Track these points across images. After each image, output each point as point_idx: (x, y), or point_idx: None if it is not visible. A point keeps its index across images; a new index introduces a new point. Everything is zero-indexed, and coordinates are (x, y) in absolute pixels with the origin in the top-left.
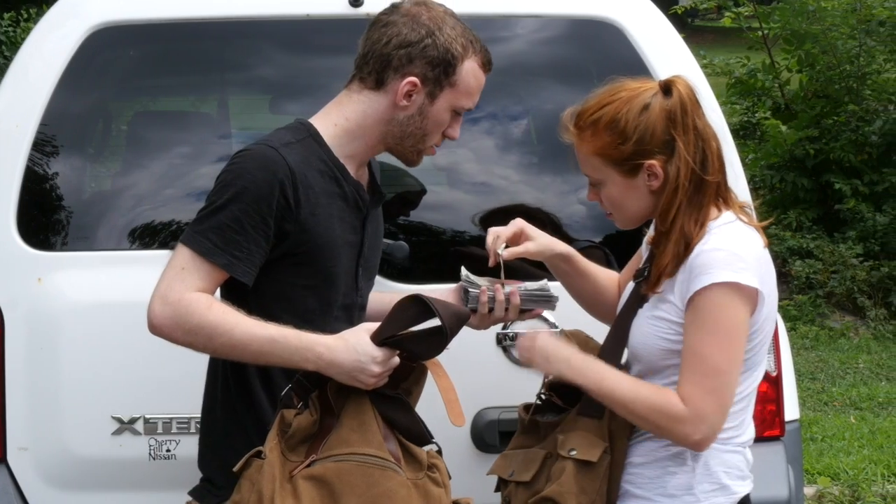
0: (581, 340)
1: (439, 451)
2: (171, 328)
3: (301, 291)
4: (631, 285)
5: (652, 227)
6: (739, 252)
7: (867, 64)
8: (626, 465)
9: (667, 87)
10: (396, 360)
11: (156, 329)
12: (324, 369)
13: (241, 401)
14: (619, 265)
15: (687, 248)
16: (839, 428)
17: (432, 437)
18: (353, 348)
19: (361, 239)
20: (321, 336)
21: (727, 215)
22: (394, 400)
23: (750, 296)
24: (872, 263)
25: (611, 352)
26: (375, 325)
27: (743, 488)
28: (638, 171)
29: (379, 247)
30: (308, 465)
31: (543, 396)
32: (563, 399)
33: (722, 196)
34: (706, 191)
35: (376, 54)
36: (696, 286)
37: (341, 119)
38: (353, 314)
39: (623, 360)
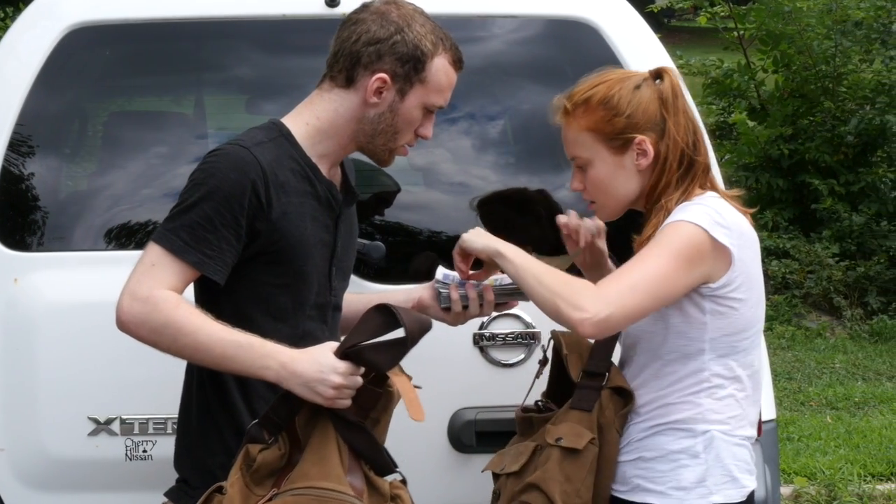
0: (572, 340)
1: (403, 481)
2: (137, 325)
3: (273, 290)
4: None
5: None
6: (721, 212)
7: (843, 64)
8: (637, 460)
9: (657, 74)
10: (359, 379)
11: (123, 325)
12: (284, 379)
13: (216, 400)
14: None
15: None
16: (816, 428)
17: (396, 466)
18: (316, 360)
19: (335, 238)
20: (286, 348)
21: (712, 193)
22: (356, 427)
23: (718, 250)
24: (849, 263)
25: (602, 349)
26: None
27: (751, 482)
28: (628, 147)
29: (353, 246)
30: (269, 500)
31: (540, 404)
32: (560, 406)
33: (710, 181)
34: (695, 171)
35: (346, 52)
36: (668, 221)
37: (313, 118)
38: (326, 314)
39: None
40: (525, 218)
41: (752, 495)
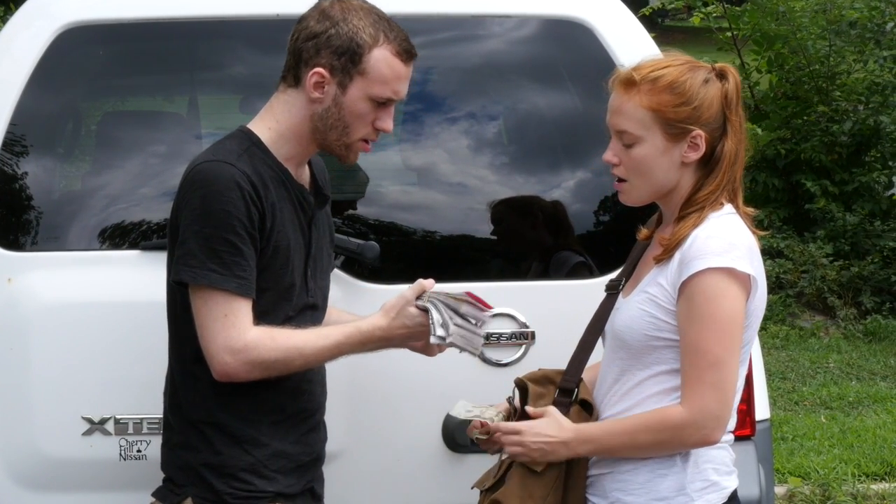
0: (538, 377)
1: None
2: (247, 373)
3: (257, 293)
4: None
5: (655, 221)
6: (733, 240)
7: (837, 64)
8: (613, 474)
9: (721, 73)
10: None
11: (231, 377)
12: (387, 347)
13: (192, 399)
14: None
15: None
16: (810, 427)
17: None
18: (411, 334)
19: (308, 241)
20: (375, 321)
21: (728, 207)
22: None
23: (744, 282)
24: (842, 263)
25: (574, 365)
26: (413, 290)
27: (731, 482)
28: (682, 137)
29: (327, 248)
30: None
31: (510, 399)
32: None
33: (736, 186)
34: (734, 174)
35: (291, 51)
36: (690, 271)
37: (273, 122)
38: (305, 315)
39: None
40: (531, 226)
41: (734, 494)
